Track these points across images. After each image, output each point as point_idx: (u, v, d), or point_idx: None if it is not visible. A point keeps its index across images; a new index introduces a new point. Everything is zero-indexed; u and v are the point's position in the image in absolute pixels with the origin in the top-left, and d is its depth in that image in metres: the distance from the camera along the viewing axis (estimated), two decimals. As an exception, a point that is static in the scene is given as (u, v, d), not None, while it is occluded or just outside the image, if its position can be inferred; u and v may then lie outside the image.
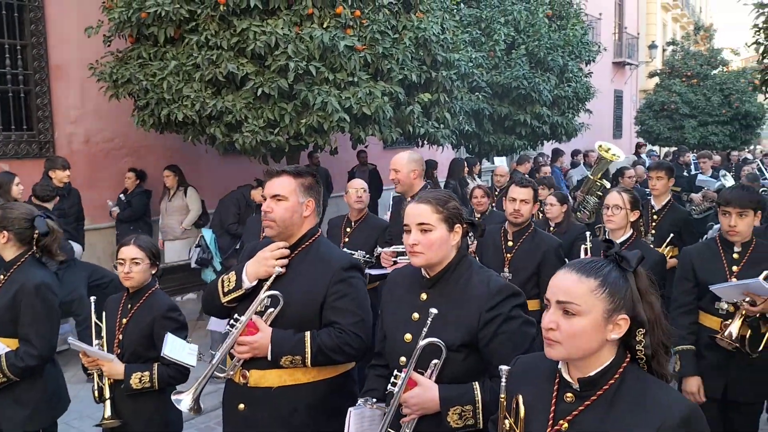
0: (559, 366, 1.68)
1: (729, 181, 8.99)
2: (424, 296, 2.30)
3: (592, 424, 1.58)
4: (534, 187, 4.17)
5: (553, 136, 11.10)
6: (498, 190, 8.10)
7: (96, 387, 3.08)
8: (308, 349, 2.47)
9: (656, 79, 20.99)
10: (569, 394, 1.64)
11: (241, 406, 2.56)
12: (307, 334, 2.50)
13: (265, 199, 2.62)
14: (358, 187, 5.06)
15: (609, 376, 1.59)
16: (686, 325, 3.55)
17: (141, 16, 6.35)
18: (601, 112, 19.55)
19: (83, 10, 7.55)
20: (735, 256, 3.45)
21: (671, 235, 5.13)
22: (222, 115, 6.33)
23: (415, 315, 2.28)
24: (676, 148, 17.28)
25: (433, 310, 2.13)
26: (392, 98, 6.83)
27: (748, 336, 3.27)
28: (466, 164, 10.15)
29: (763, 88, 5.32)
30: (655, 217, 5.34)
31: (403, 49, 6.88)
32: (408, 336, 2.25)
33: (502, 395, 1.85)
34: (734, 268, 3.43)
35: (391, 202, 5.50)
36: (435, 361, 2.18)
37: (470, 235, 2.61)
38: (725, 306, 3.37)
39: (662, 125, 19.18)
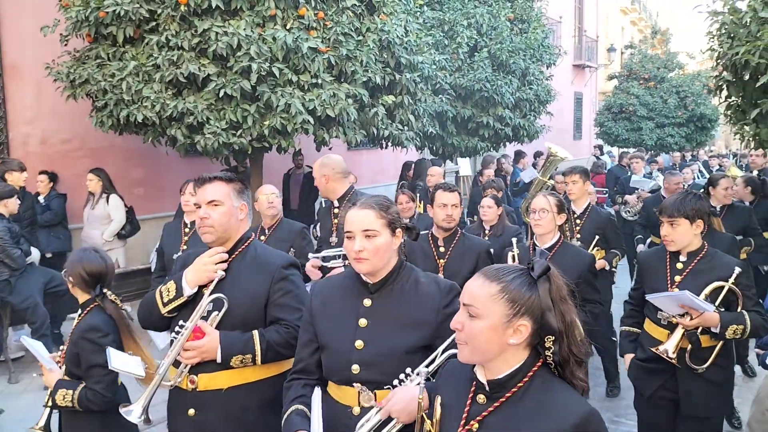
0: (475, 368, 1.74)
1: (662, 182, 9.02)
2: (368, 302, 2.29)
3: (498, 424, 1.64)
4: (459, 191, 4.16)
5: (515, 138, 11.24)
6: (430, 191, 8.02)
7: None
8: (258, 347, 2.53)
9: (615, 82, 21.46)
10: (481, 396, 1.70)
11: (191, 411, 2.56)
12: (255, 333, 2.56)
13: (198, 206, 2.64)
14: (269, 192, 4.99)
15: (518, 379, 1.64)
16: (632, 314, 3.66)
17: (99, 15, 6.22)
18: (562, 114, 19.89)
19: (39, 9, 7.37)
20: (679, 266, 3.35)
21: (596, 237, 5.23)
22: (183, 117, 6.24)
23: (363, 321, 2.26)
24: (624, 150, 17.68)
25: None
26: (356, 100, 6.83)
27: (689, 350, 3.22)
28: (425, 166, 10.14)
29: (717, 92, 5.46)
30: (577, 221, 5.40)
31: (367, 51, 6.89)
32: (359, 343, 2.23)
33: (420, 396, 1.93)
34: (677, 278, 3.34)
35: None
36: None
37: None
38: (667, 316, 3.29)
39: (621, 127, 19.63)
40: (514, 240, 4.14)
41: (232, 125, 6.32)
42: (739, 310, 3.20)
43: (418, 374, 2.08)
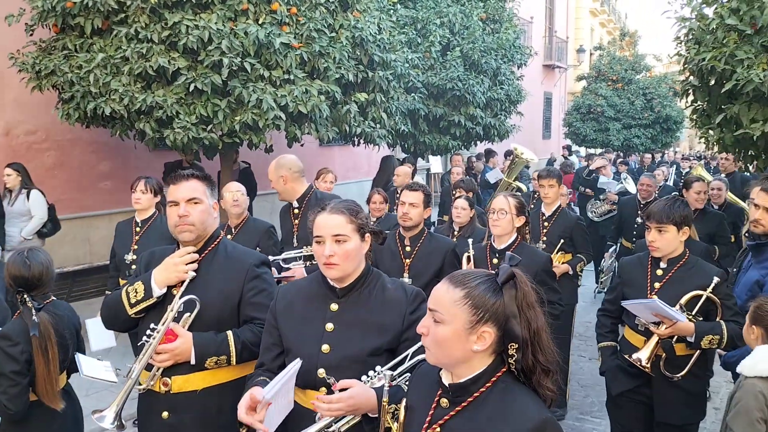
0: (441, 372, 1.74)
1: (630, 184, 9.05)
2: (334, 307, 2.28)
3: (459, 429, 1.64)
4: (425, 191, 4.11)
5: (486, 137, 11.33)
6: (399, 192, 7.78)
7: None
8: (233, 348, 2.51)
9: (584, 83, 21.76)
10: (445, 400, 1.70)
11: (165, 414, 2.52)
12: (230, 333, 2.53)
13: (174, 204, 2.59)
14: (234, 190, 4.91)
15: (481, 384, 1.64)
16: (608, 325, 3.61)
17: (66, 6, 6.08)
18: (532, 114, 20.08)
19: (3, -4, 7.17)
20: (659, 272, 3.32)
21: (561, 241, 5.21)
22: (152, 110, 6.15)
23: (329, 326, 2.26)
24: (602, 150, 17.96)
25: None
26: (329, 97, 6.81)
27: (663, 358, 3.21)
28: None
29: (684, 97, 5.57)
30: (545, 224, 5.37)
31: (340, 48, 6.87)
32: (326, 347, 2.23)
33: (385, 399, 1.94)
34: (656, 284, 3.31)
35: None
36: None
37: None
38: (644, 322, 3.28)
39: (589, 127, 19.92)
40: (470, 241, 4.13)
41: (203, 120, 6.24)
42: (717, 319, 3.17)
43: (384, 375, 2.08)
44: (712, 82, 4.98)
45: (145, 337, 2.49)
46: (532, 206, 6.44)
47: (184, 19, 6.00)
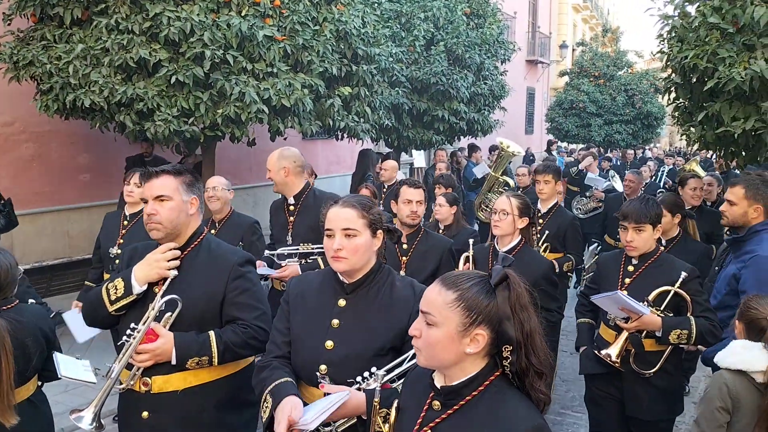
0: (434, 374, 1.72)
1: (617, 182, 9.02)
2: (342, 302, 2.27)
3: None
4: (425, 188, 4.08)
5: (470, 132, 11.34)
6: (386, 187, 7.65)
7: None
8: (215, 349, 2.46)
9: (566, 78, 21.87)
10: (437, 402, 1.68)
11: (145, 414, 2.48)
12: (212, 333, 2.48)
13: (146, 202, 2.55)
14: (211, 186, 4.84)
15: (473, 387, 1.62)
16: (586, 304, 3.66)
17: (45, -5, 5.99)
18: (515, 109, 20.14)
19: (-21, -15, 7.02)
20: (630, 268, 3.37)
21: (546, 232, 5.08)
22: (133, 103, 6.06)
23: (335, 321, 2.24)
24: (583, 146, 18.05)
25: None
26: (312, 91, 6.76)
27: (633, 353, 3.24)
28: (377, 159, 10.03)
29: (666, 94, 5.60)
30: (540, 221, 5.25)
31: (324, 41, 6.82)
32: (329, 343, 2.22)
33: (376, 399, 1.93)
34: (627, 280, 3.36)
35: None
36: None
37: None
38: (613, 317, 3.32)
39: (571, 123, 20.05)
40: (470, 241, 4.05)
41: (184, 113, 6.17)
42: (688, 315, 3.20)
43: (377, 376, 2.08)
44: (694, 79, 5.01)
45: (125, 337, 2.44)
46: None
47: (166, 11, 5.92)
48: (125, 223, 4.77)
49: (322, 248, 4.00)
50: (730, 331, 3.06)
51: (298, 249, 4.11)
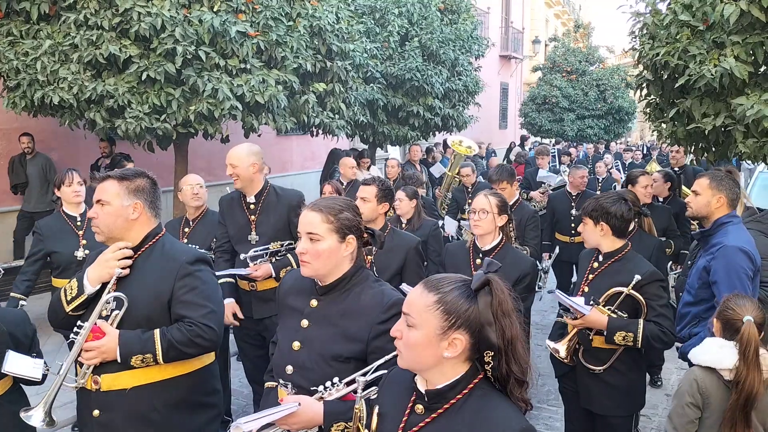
0: (416, 378, 1.70)
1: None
2: (314, 303, 2.25)
3: None
4: (380, 185, 3.97)
5: (445, 127, 11.38)
6: (344, 184, 7.46)
7: None
8: (158, 346, 2.44)
9: (539, 74, 22.04)
10: (420, 406, 1.66)
11: (96, 412, 2.49)
12: (156, 331, 2.47)
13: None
14: (194, 183, 4.75)
15: (457, 390, 1.60)
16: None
17: (10, -11, 5.85)
18: (489, 104, 20.26)
19: (-59, -22, 6.82)
20: (595, 265, 3.42)
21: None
22: (103, 100, 5.97)
23: (305, 322, 2.23)
24: (546, 141, 18.19)
25: None
26: (286, 87, 6.72)
27: (581, 349, 3.31)
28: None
29: (639, 91, 5.65)
30: None
31: (298, 37, 6.77)
32: (297, 344, 2.20)
33: (357, 405, 1.90)
34: (590, 276, 3.41)
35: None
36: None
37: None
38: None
39: (544, 118, 20.25)
40: (445, 222, 3.94)
41: (156, 109, 6.08)
42: (642, 318, 3.20)
43: (347, 384, 2.06)
44: (666, 76, 5.06)
45: (72, 334, 2.47)
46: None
47: (136, 6, 5.82)
48: (78, 224, 4.65)
49: (291, 245, 4.03)
50: (706, 326, 3.10)
51: (268, 248, 4.04)
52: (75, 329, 2.47)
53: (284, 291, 2.39)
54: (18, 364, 2.64)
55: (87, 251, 4.48)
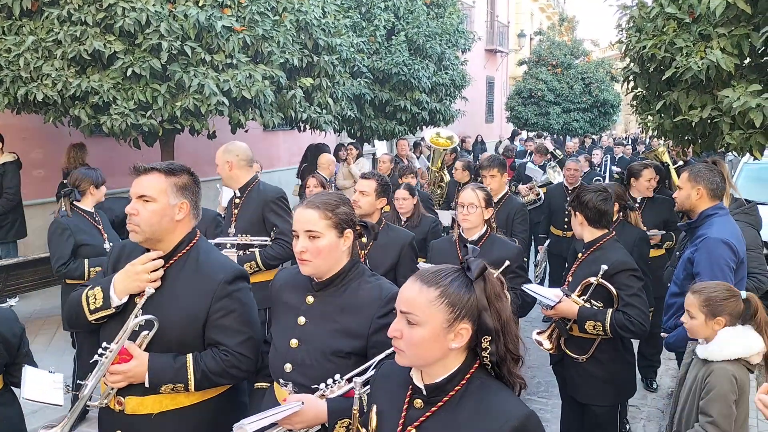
0: (411, 373, 1.70)
1: (557, 173, 8.97)
2: (310, 299, 2.22)
3: (437, 429, 1.60)
4: (378, 180, 3.97)
5: (432, 121, 11.38)
6: (329, 180, 7.47)
7: None
8: (191, 377, 2.24)
9: (524, 67, 22.09)
10: (418, 400, 1.65)
11: None
12: (190, 358, 2.27)
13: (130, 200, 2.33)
14: None
15: (456, 382, 1.61)
16: None
17: (-9, -15, 5.76)
18: (475, 98, 20.28)
19: None
20: (579, 254, 3.53)
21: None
22: (87, 96, 5.90)
23: (302, 319, 2.20)
24: (533, 135, 18.22)
25: None
26: (273, 82, 6.68)
27: (563, 338, 3.41)
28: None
29: (625, 83, 5.69)
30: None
31: (284, 31, 6.73)
32: (294, 341, 2.17)
33: (355, 407, 1.90)
34: (574, 266, 3.53)
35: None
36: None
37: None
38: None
39: (530, 111, 20.29)
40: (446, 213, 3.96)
41: (141, 106, 6.03)
42: (614, 307, 3.26)
43: (348, 381, 2.04)
44: (652, 69, 5.09)
45: (97, 356, 2.25)
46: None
47: (120, 1, 5.75)
48: (96, 219, 4.68)
49: (263, 241, 4.11)
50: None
51: (236, 240, 4.15)
52: (100, 350, 2.25)
53: (277, 288, 2.35)
54: (37, 385, 2.42)
55: (111, 243, 4.52)
